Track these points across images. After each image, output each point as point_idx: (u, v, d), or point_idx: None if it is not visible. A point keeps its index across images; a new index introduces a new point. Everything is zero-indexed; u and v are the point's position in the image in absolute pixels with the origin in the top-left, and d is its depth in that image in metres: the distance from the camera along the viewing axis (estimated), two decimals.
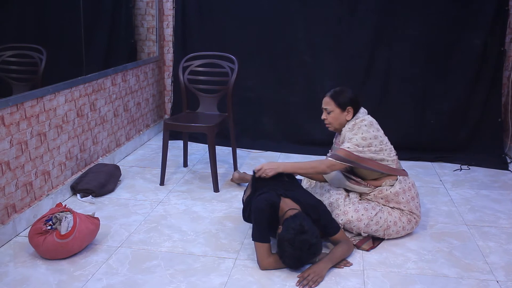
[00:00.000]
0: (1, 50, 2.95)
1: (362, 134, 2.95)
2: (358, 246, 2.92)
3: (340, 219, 2.97)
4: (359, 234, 2.99)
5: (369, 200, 3.05)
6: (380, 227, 2.95)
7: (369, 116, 3.09)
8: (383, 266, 2.75)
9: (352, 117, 3.06)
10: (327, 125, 3.14)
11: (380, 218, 2.95)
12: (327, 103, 3.08)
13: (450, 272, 2.69)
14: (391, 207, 3.01)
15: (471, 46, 4.40)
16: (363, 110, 3.11)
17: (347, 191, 3.14)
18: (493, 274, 2.68)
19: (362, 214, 2.95)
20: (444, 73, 4.51)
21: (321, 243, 2.64)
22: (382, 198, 3.01)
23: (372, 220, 2.94)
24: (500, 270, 2.71)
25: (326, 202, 3.05)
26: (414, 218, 3.04)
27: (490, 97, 4.48)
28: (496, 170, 4.30)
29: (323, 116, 3.12)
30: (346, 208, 2.99)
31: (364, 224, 2.94)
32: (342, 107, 3.05)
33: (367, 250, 2.90)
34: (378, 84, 4.61)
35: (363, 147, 2.93)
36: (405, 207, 3.00)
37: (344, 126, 3.06)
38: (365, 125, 2.98)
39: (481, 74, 4.45)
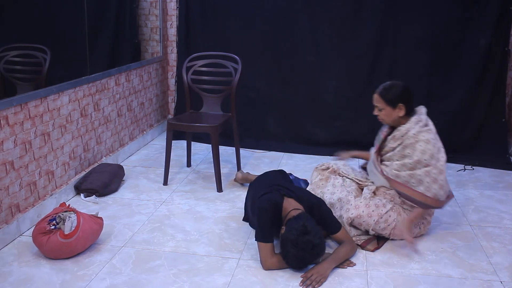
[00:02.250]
0: (6, 50, 2.96)
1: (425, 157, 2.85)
2: (363, 247, 2.91)
3: (351, 213, 2.93)
4: (366, 233, 2.97)
5: (385, 193, 3.01)
6: (388, 225, 2.93)
7: (431, 126, 2.95)
8: (386, 266, 2.74)
9: (407, 113, 2.95)
10: (380, 120, 3.07)
11: (390, 216, 2.93)
12: (377, 100, 2.99)
13: (454, 273, 2.69)
14: (403, 208, 2.99)
15: (475, 46, 4.38)
16: (422, 110, 3.00)
17: (361, 188, 3.12)
18: (497, 274, 2.67)
19: (373, 211, 2.92)
20: (448, 73, 4.50)
21: (324, 243, 2.64)
22: (399, 198, 2.98)
23: (381, 218, 2.92)
24: (504, 271, 2.71)
25: (335, 198, 3.04)
26: (423, 223, 3.02)
27: (494, 97, 4.47)
28: (500, 170, 4.29)
29: (375, 112, 3.04)
30: (358, 203, 2.96)
31: (373, 220, 2.91)
32: (393, 104, 2.94)
33: (372, 251, 2.90)
34: None
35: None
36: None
37: (398, 122, 2.97)
38: (427, 142, 2.86)
39: (485, 75, 4.43)
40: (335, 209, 3.04)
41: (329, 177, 3.22)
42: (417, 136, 2.87)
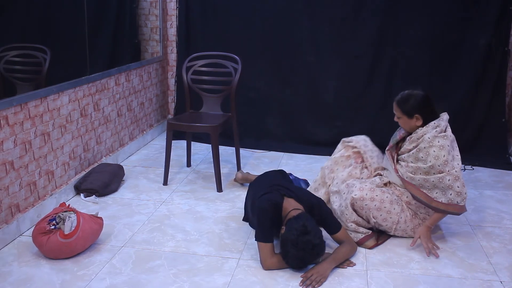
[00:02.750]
0: (5, 50, 2.96)
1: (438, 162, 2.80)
2: (361, 243, 2.91)
3: (354, 194, 2.91)
4: (367, 223, 2.97)
5: (395, 188, 3.00)
6: (390, 218, 2.93)
7: (448, 133, 2.90)
8: (386, 266, 2.74)
9: (425, 122, 2.91)
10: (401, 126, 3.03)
11: (394, 209, 2.93)
12: (395, 109, 2.98)
13: (453, 273, 2.69)
14: (408, 206, 2.98)
15: (475, 46, 4.38)
16: (444, 117, 2.96)
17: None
18: (497, 274, 2.67)
19: (377, 195, 2.92)
20: (448, 73, 4.50)
21: (324, 243, 2.64)
22: (407, 197, 2.97)
23: (385, 207, 2.91)
24: (504, 271, 2.71)
25: (343, 185, 3.05)
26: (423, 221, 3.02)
27: (494, 97, 4.47)
28: (500, 170, 4.29)
29: (395, 119, 3.01)
30: (363, 185, 2.95)
31: (375, 206, 2.90)
32: (409, 115, 2.91)
33: (370, 248, 2.90)
34: (382, 85, 4.61)
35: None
36: (421, 213, 2.99)
37: (416, 128, 2.93)
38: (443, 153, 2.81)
39: (485, 74, 4.43)
40: (342, 195, 3.04)
41: (350, 157, 3.20)
42: (432, 141, 2.83)
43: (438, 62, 4.49)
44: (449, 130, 2.94)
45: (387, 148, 3.13)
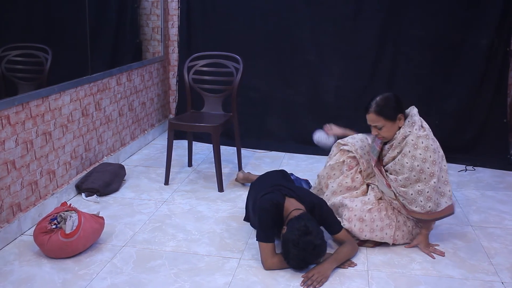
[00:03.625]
0: (7, 49, 2.96)
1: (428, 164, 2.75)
2: (361, 244, 2.90)
3: (343, 223, 2.87)
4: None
5: (392, 202, 2.91)
6: (386, 234, 2.88)
7: (427, 131, 2.82)
8: (387, 266, 2.74)
9: (404, 120, 2.85)
10: (380, 139, 2.89)
11: (386, 234, 2.88)
12: (374, 120, 2.80)
13: (455, 273, 2.68)
14: (408, 217, 2.94)
15: (477, 46, 4.38)
16: (414, 111, 2.88)
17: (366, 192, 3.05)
18: (498, 275, 2.67)
19: (366, 225, 2.85)
20: (449, 74, 4.49)
21: (326, 244, 2.63)
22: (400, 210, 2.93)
23: (377, 225, 2.87)
24: (505, 272, 2.70)
25: (334, 199, 3.01)
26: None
27: (496, 97, 4.46)
28: (501, 171, 4.28)
29: (374, 133, 2.85)
30: (351, 215, 2.86)
31: (364, 236, 2.87)
32: (393, 118, 2.80)
33: (373, 247, 2.90)
34: (384, 85, 4.60)
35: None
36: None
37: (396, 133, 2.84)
38: (426, 148, 2.75)
39: (486, 75, 4.43)
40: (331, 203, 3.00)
41: (344, 162, 3.06)
42: (416, 143, 2.74)
43: (440, 62, 4.49)
44: (424, 122, 2.86)
45: (373, 165, 2.98)
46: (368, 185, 3.06)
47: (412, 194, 2.78)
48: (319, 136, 3.31)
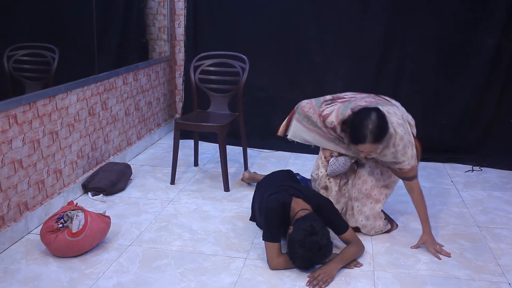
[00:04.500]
0: (14, 49, 2.97)
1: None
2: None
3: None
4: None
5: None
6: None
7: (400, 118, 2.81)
8: (393, 267, 2.74)
9: None
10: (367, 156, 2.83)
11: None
12: (371, 148, 2.67)
13: (461, 274, 2.68)
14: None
15: (483, 46, 4.36)
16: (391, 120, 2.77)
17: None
18: (504, 276, 2.66)
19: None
20: (456, 74, 4.48)
21: (332, 244, 2.63)
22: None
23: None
24: None
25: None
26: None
27: (502, 98, 4.44)
28: (508, 171, 4.27)
29: (370, 156, 2.80)
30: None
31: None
32: (388, 139, 2.73)
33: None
34: (389, 85, 4.59)
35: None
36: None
37: None
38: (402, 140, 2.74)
39: (493, 75, 4.41)
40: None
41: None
42: (403, 138, 2.73)
43: (446, 62, 4.47)
44: (392, 110, 2.84)
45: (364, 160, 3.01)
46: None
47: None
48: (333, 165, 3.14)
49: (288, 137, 3.22)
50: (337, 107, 2.89)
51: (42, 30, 3.31)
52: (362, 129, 2.63)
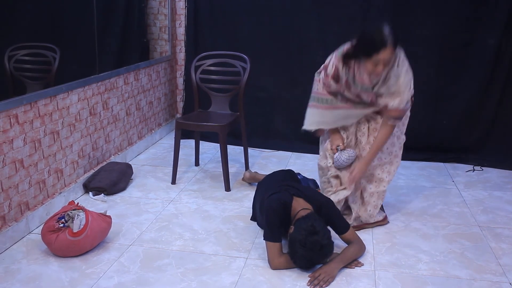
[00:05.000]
0: (15, 49, 2.97)
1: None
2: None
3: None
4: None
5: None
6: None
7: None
8: (394, 267, 2.74)
9: None
10: (374, 78, 2.80)
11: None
12: (391, 55, 2.66)
13: (462, 274, 2.67)
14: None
15: (484, 46, 4.35)
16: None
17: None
18: (506, 276, 2.66)
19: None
20: (457, 73, 4.47)
21: (333, 244, 2.63)
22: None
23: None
24: None
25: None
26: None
27: (504, 97, 4.44)
28: (509, 171, 4.26)
29: (375, 69, 2.72)
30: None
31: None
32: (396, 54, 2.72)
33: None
34: None
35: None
36: None
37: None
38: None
39: (495, 74, 4.41)
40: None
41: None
42: (403, 63, 2.82)
43: (447, 62, 4.46)
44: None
45: (369, 99, 2.99)
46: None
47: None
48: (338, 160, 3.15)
49: (304, 127, 3.17)
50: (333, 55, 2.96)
51: (43, 30, 3.31)
52: (379, 36, 2.60)
